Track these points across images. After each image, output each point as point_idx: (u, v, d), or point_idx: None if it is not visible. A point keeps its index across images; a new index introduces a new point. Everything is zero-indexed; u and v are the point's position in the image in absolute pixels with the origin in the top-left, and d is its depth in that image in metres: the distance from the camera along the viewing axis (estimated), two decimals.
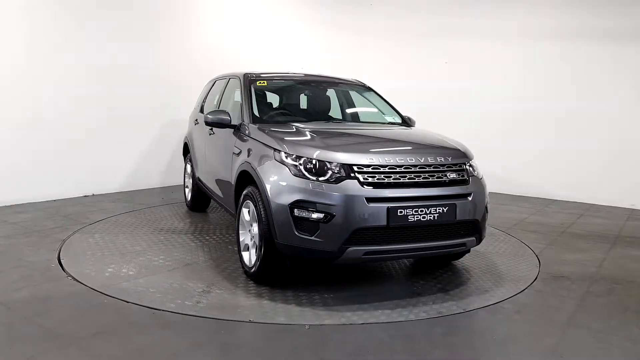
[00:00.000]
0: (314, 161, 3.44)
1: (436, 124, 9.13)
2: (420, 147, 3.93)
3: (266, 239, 3.53)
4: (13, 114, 6.03)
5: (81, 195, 6.77)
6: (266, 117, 4.56)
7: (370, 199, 3.30)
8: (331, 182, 3.34)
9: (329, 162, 3.40)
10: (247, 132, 4.18)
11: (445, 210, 3.46)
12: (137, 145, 7.49)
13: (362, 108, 5.36)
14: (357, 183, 3.34)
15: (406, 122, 4.95)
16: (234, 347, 2.84)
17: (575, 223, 6.53)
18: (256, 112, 4.49)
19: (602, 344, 3.05)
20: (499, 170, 8.85)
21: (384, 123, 5.00)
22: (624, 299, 3.83)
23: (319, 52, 9.97)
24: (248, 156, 3.93)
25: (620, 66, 7.83)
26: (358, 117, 5.32)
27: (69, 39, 6.51)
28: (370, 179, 3.37)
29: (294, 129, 4.05)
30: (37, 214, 5.66)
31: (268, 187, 3.51)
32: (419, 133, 4.44)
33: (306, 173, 3.41)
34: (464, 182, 3.66)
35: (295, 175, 3.43)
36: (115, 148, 7.15)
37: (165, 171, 7.90)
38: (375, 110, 5.21)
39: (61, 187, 6.54)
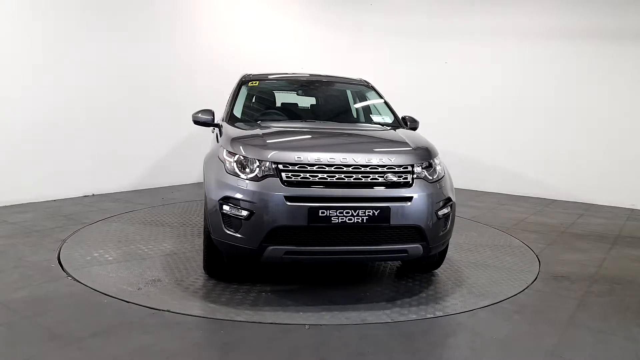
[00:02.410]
0: (245, 158, 3.44)
1: (436, 123, 9.18)
2: (368, 147, 3.78)
3: (206, 234, 3.61)
4: (13, 114, 6.03)
5: (81, 195, 6.77)
6: (245, 116, 4.63)
7: (290, 198, 3.23)
8: (255, 180, 3.33)
9: (259, 160, 3.38)
10: (221, 130, 4.24)
11: (376, 213, 3.27)
12: (138, 145, 7.49)
13: (352, 108, 5.26)
14: (279, 181, 3.29)
15: (398, 122, 4.76)
16: (234, 347, 2.84)
17: (575, 223, 6.53)
18: (235, 112, 4.60)
19: (602, 343, 3.05)
20: (499, 170, 8.87)
21: (367, 123, 4.87)
22: (624, 299, 3.83)
23: (319, 52, 9.98)
24: (209, 153, 4.02)
25: (621, 66, 7.84)
26: (344, 117, 5.10)
27: (71, 39, 6.51)
28: (293, 178, 3.31)
29: (256, 128, 4.00)
30: (37, 214, 5.66)
31: (206, 182, 3.61)
32: (385, 134, 4.24)
33: (237, 170, 3.43)
34: (404, 185, 3.44)
35: (227, 172, 3.46)
36: (116, 148, 7.14)
37: (166, 171, 7.89)
38: (366, 110, 5.13)
39: (61, 187, 6.54)
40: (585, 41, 8.07)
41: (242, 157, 3.47)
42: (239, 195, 3.32)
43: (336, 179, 3.32)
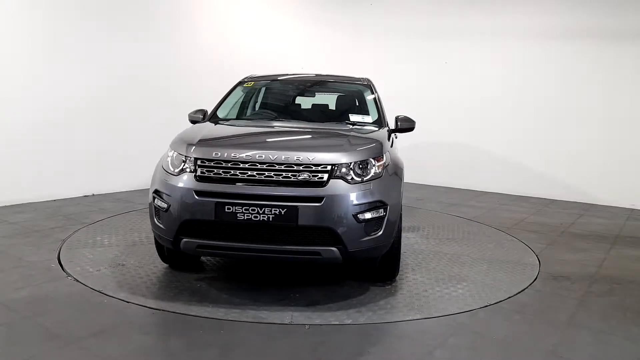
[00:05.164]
0: (177, 155, 3.58)
1: (436, 123, 9.21)
2: (298, 146, 3.70)
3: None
4: (13, 114, 6.03)
5: (81, 195, 6.77)
6: (227, 116, 4.76)
7: (199, 193, 3.31)
8: (177, 174, 3.46)
9: (185, 156, 3.49)
10: None
11: (282, 212, 3.21)
12: (138, 145, 7.48)
13: (336, 107, 5.15)
14: (193, 176, 3.39)
15: (381, 122, 4.55)
16: (234, 347, 2.84)
17: (575, 223, 6.53)
18: (219, 112, 4.76)
19: (602, 344, 3.05)
20: (499, 170, 8.87)
21: (343, 122, 4.63)
22: (624, 299, 3.83)
23: (319, 52, 9.97)
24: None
25: (621, 66, 7.84)
26: (322, 116, 4.94)
27: (71, 39, 6.50)
28: (207, 173, 3.38)
29: (216, 127, 4.22)
30: (37, 214, 5.65)
31: (152, 177, 3.75)
32: (337, 133, 4.07)
33: (170, 165, 3.57)
34: (317, 185, 3.30)
35: (163, 167, 3.64)
36: (116, 148, 7.14)
37: None
38: (351, 109, 5.00)
39: (61, 187, 6.54)
40: (585, 41, 8.07)
41: (175, 154, 3.61)
42: (162, 189, 3.48)
43: (247, 176, 3.32)
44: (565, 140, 8.27)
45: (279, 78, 5.43)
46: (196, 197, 3.30)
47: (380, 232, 3.43)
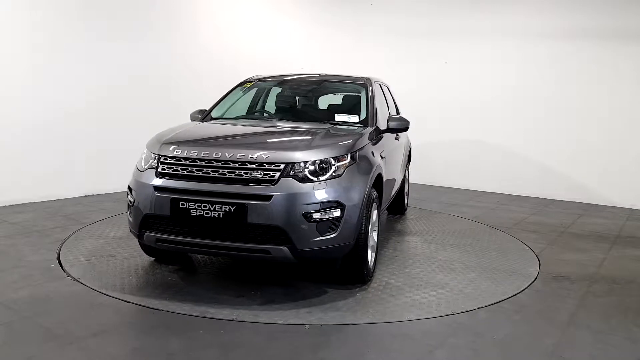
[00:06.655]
0: (147, 152, 3.75)
1: (436, 123, 9.21)
2: (259, 144, 3.78)
3: None
4: (13, 113, 6.02)
5: (81, 195, 6.77)
6: (221, 116, 4.85)
7: (158, 189, 3.44)
8: (143, 171, 3.63)
9: (154, 154, 3.64)
10: None
11: (232, 209, 3.24)
12: (138, 145, 7.47)
13: (326, 107, 5.15)
14: (154, 172, 3.54)
15: (367, 122, 4.43)
16: (234, 347, 2.84)
17: (575, 223, 6.53)
18: (214, 111, 4.86)
19: (602, 344, 3.06)
20: (499, 170, 8.88)
21: (327, 121, 4.51)
22: (624, 299, 3.83)
23: (319, 52, 9.97)
24: None
25: (621, 66, 7.84)
26: (307, 116, 4.89)
27: (71, 39, 6.50)
28: (167, 170, 3.50)
29: (194, 125, 4.35)
30: (37, 214, 5.65)
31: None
32: (309, 132, 4.01)
33: (142, 163, 3.72)
34: (267, 183, 3.30)
35: (137, 164, 3.80)
36: (116, 148, 7.13)
37: None
38: (341, 109, 4.94)
39: (61, 187, 6.54)
40: (585, 41, 8.07)
41: (146, 151, 3.77)
42: (132, 185, 3.65)
43: (203, 173, 3.40)
44: (566, 141, 8.27)
45: (277, 79, 5.43)
46: (155, 192, 3.44)
47: (336, 233, 3.39)
